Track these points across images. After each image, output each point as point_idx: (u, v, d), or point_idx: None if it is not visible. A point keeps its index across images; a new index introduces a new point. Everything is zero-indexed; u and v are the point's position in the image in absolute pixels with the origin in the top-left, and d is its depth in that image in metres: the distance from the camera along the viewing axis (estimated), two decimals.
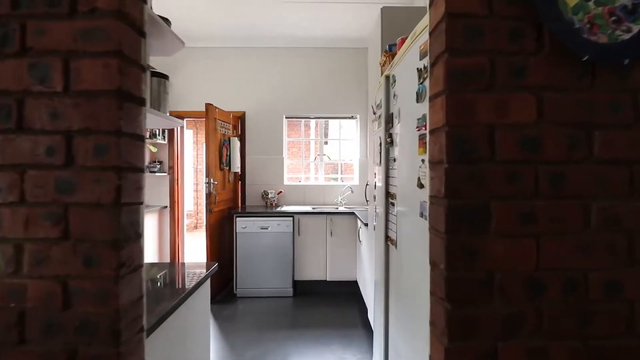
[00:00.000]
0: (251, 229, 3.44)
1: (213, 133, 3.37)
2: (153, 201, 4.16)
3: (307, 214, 3.51)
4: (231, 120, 3.83)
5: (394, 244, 1.53)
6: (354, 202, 4.09)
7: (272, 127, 4.15)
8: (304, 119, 4.25)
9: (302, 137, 4.32)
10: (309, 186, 4.16)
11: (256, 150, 4.15)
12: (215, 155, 3.44)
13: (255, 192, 4.13)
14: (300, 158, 6.91)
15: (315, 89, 4.15)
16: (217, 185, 3.48)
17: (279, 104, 4.14)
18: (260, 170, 4.14)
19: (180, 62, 4.14)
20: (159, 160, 4.14)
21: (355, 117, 4.22)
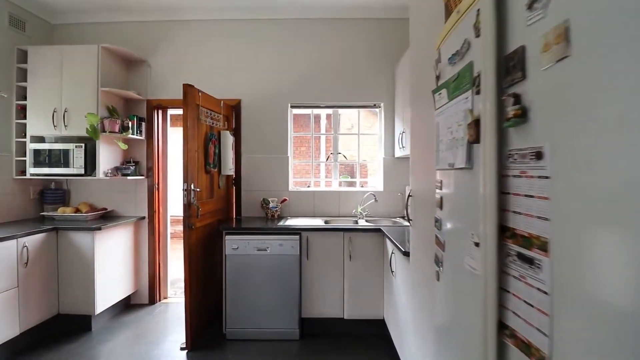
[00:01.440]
0: (245, 249, 2.61)
1: (194, 124, 2.55)
2: (127, 211, 3.37)
3: (318, 230, 2.66)
4: (222, 110, 3.01)
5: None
6: (378, 214, 3.22)
7: (274, 119, 3.32)
8: (314, 108, 3.40)
9: (311, 132, 3.47)
10: (321, 193, 3.31)
11: (254, 147, 3.32)
12: (198, 153, 2.62)
13: (252, 200, 3.30)
14: (309, 157, 6.07)
15: (328, 70, 3.30)
16: (201, 192, 2.66)
17: (283, 89, 3.30)
18: (259, 173, 3.31)
19: (162, 40, 3.35)
20: (134, 160, 3.35)
21: (378, 106, 3.35)
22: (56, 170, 2.98)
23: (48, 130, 2.98)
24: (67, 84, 2.97)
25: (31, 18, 3.16)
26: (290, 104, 3.33)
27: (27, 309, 2.50)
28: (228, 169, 3.04)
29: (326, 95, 3.30)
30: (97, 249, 2.77)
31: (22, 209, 3.11)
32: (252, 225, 2.77)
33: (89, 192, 3.37)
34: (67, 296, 2.78)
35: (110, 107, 3.04)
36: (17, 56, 3.00)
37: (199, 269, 2.62)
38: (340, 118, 3.52)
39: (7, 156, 2.98)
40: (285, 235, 2.62)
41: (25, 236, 2.49)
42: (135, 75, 3.37)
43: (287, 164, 3.31)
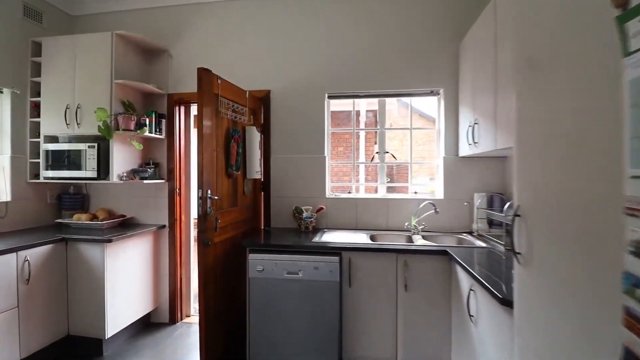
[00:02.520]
0: (272, 272, 2.10)
1: (212, 118, 2.09)
2: (147, 218, 3.02)
3: (364, 250, 2.08)
4: (247, 102, 2.54)
5: None
6: (438, 227, 2.56)
7: (308, 112, 2.79)
8: (355, 98, 2.83)
9: (352, 126, 2.89)
10: (364, 201, 2.72)
11: (286, 146, 2.82)
12: (217, 153, 2.16)
13: (283, 208, 2.79)
14: (347, 158, 5.49)
15: (373, 52, 2.71)
16: (221, 200, 2.20)
17: (319, 77, 2.77)
18: (291, 176, 2.81)
19: (183, 26, 2.97)
20: (154, 162, 3.00)
21: (436, 93, 2.70)
22: (68, 173, 2.68)
23: (61, 129, 2.70)
24: (80, 77, 2.67)
25: (48, 8, 2.92)
26: (328, 94, 2.79)
27: (29, 331, 2.18)
28: (254, 172, 2.56)
29: (370, 82, 2.71)
30: (108, 264, 2.41)
31: (38, 215, 2.86)
32: (282, 241, 2.25)
33: (109, 197, 3.07)
34: (77, 316, 2.45)
35: (125, 102, 2.70)
36: (31, 49, 2.76)
37: (217, 294, 2.15)
38: (385, 107, 2.90)
39: (22, 158, 2.74)
40: (322, 255, 2.07)
41: (27, 249, 2.18)
42: (155, 66, 3.02)
43: (324, 166, 2.77)
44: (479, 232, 2.41)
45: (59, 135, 2.78)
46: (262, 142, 2.77)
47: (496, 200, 2.41)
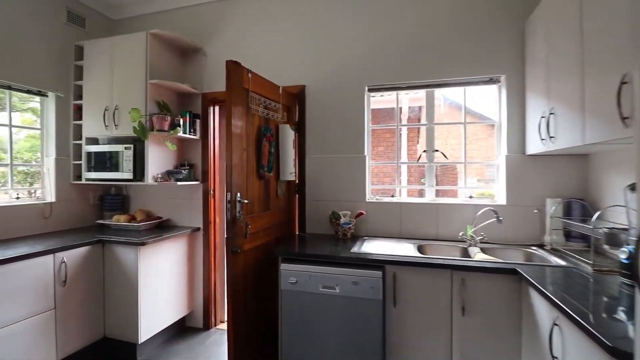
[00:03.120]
0: (306, 285, 1.88)
1: (242, 115, 1.92)
2: (182, 220, 2.97)
3: (411, 264, 1.78)
4: (281, 99, 2.35)
5: None
6: (500, 238, 2.18)
7: (346, 107, 2.54)
8: (400, 90, 2.52)
9: (396, 121, 2.59)
10: (410, 205, 2.41)
11: (322, 145, 2.59)
12: (247, 152, 1.99)
13: (319, 212, 2.57)
14: (389, 159, 5.13)
15: (418, 38, 2.39)
16: (252, 204, 2.03)
17: (359, 69, 2.51)
18: (327, 178, 2.58)
19: (217, 23, 2.87)
20: (189, 163, 2.93)
21: (496, 81, 2.31)
22: (107, 174, 2.69)
23: (100, 130, 2.72)
24: (118, 79, 2.67)
25: (91, 13, 2.98)
26: (368, 86, 2.52)
27: (65, 333, 2.18)
28: (288, 173, 2.37)
29: (417, 72, 2.40)
30: (141, 267, 2.36)
31: (81, 216, 2.92)
32: (318, 249, 2.03)
33: (147, 198, 3.07)
34: (112, 319, 2.43)
35: (160, 102, 2.65)
36: (74, 53, 2.82)
37: (247, 306, 1.98)
38: (433, 103, 2.56)
39: (66, 160, 2.81)
40: (362, 268, 1.81)
41: (63, 250, 2.17)
42: (190, 66, 2.96)
43: (364, 167, 2.50)
44: (553, 246, 1.99)
45: (99, 137, 2.81)
46: (297, 141, 2.58)
47: (575, 207, 1.98)
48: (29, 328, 1.97)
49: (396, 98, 2.57)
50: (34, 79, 2.56)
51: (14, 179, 2.58)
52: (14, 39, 2.43)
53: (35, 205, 2.58)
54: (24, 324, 1.95)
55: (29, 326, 1.97)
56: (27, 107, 2.72)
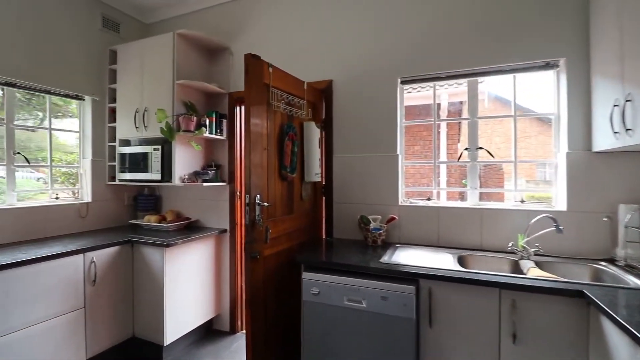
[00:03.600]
0: (329, 297, 1.71)
1: (263, 112, 1.80)
2: (210, 222, 2.94)
3: (451, 280, 1.54)
4: (305, 94, 2.21)
5: None
6: (559, 251, 1.85)
7: (377, 102, 2.34)
8: (437, 81, 2.26)
9: (434, 116, 2.33)
10: (449, 210, 2.14)
11: (350, 143, 2.41)
12: (268, 152, 1.87)
13: (348, 216, 2.39)
14: (427, 158, 4.79)
15: (461, 19, 2.12)
16: (273, 206, 1.90)
17: (390, 59, 2.29)
18: (356, 179, 2.39)
19: (243, 20, 2.81)
20: (216, 164, 2.89)
21: (554, 65, 1.98)
22: (137, 175, 2.73)
23: (132, 132, 2.76)
24: (147, 81, 2.69)
25: (125, 19, 3.06)
26: (401, 78, 2.29)
27: (94, 332, 2.21)
28: (313, 174, 2.22)
29: (456, 60, 2.13)
30: (167, 268, 2.34)
31: (116, 216, 3.00)
32: (344, 257, 1.85)
33: (177, 199, 3.09)
34: (141, 319, 2.45)
35: (188, 102, 2.63)
36: (109, 57, 2.90)
37: (267, 317, 1.86)
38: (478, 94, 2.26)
39: (101, 161, 2.90)
40: (393, 281, 1.60)
41: (93, 250, 2.20)
42: (217, 65, 2.93)
43: (396, 167, 2.28)
44: (628, 262, 1.64)
45: (131, 139, 2.86)
46: (324, 139, 2.42)
47: None
48: (59, 326, 2.01)
49: (433, 91, 2.32)
50: (71, 84, 2.66)
51: (58, 180, 2.72)
52: (53, 46, 2.53)
53: (72, 205, 2.67)
54: (55, 322, 1.99)
55: (60, 324, 2.01)
56: (72, 112, 2.84)
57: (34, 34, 2.42)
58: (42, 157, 2.62)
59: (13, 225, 2.30)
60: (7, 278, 1.78)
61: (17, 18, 2.33)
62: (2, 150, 2.33)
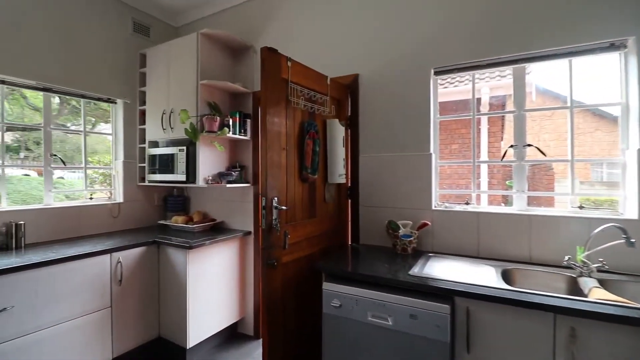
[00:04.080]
0: (352, 311, 1.55)
1: (281, 108, 1.69)
2: (235, 223, 2.90)
3: (493, 300, 1.32)
4: (328, 90, 2.07)
5: None
6: (631, 267, 1.55)
7: (407, 96, 2.14)
8: (476, 70, 2.02)
9: (472, 110, 2.08)
10: (492, 216, 1.89)
11: (378, 142, 2.23)
12: (287, 151, 1.75)
13: (375, 221, 2.21)
14: (469, 157, 4.44)
15: None
16: (292, 209, 1.78)
17: (422, 48, 2.08)
18: (384, 181, 2.20)
19: (266, 17, 2.73)
20: (240, 165, 2.85)
21: (621, 46, 1.66)
22: (165, 176, 2.75)
23: (159, 134, 2.79)
24: (173, 82, 2.70)
25: (155, 23, 3.11)
26: (434, 69, 2.07)
27: (121, 331, 2.23)
28: (337, 175, 2.07)
29: (498, 45, 1.87)
30: (190, 270, 2.32)
31: (146, 216, 3.06)
32: (369, 267, 1.68)
33: (204, 200, 3.09)
34: (166, 319, 2.45)
35: (211, 103, 2.60)
36: (139, 61, 2.96)
37: (286, 329, 1.74)
38: (526, 84, 1.98)
39: (132, 163, 2.96)
40: (424, 298, 1.41)
41: (120, 250, 2.23)
42: (241, 64, 2.88)
43: (429, 167, 2.06)
44: None
45: (159, 140, 2.90)
46: (349, 137, 2.26)
47: None
48: (86, 324, 2.04)
49: (472, 82, 2.07)
50: (104, 88, 2.74)
51: (97, 180, 2.84)
52: (87, 52, 2.62)
53: (105, 205, 2.75)
54: (82, 321, 2.02)
55: (87, 323, 2.05)
56: (105, 115, 2.94)
57: (69, 41, 2.51)
58: (91, 159, 2.78)
59: (50, 224, 2.40)
60: (37, 277, 1.82)
61: (54, 27, 2.42)
62: (63, 153, 2.44)
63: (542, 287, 1.55)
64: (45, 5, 2.38)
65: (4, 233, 2.11)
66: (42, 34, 2.36)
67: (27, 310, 1.77)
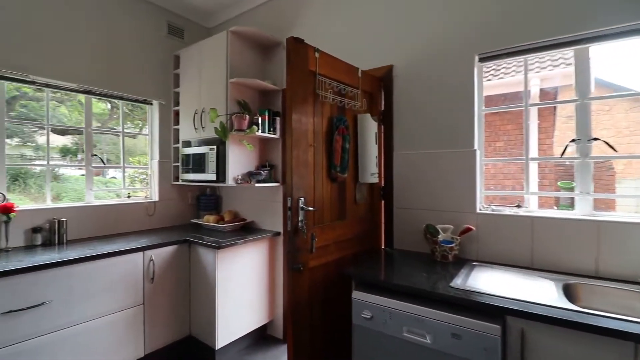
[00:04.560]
0: (385, 324, 1.40)
1: (305, 101, 1.58)
2: (265, 223, 2.85)
3: (555, 322, 1.10)
4: (359, 82, 1.93)
5: None
6: None
7: (448, 88, 1.93)
8: (529, 54, 1.76)
9: (524, 99, 1.83)
10: (549, 222, 1.64)
11: (414, 138, 2.05)
12: (314, 148, 1.64)
13: (411, 224, 2.03)
14: (512, 154, 4.05)
15: None
16: (319, 211, 1.67)
17: (465, 32, 1.87)
18: (421, 180, 2.02)
19: (296, 12, 2.65)
20: (270, 164, 2.79)
21: None
22: (197, 176, 2.76)
23: (192, 133, 2.81)
24: (204, 82, 2.71)
25: (188, 25, 3.16)
26: (479, 55, 1.85)
27: (153, 328, 2.26)
28: (369, 174, 1.93)
29: (554, 24, 1.61)
30: (219, 270, 2.29)
31: (180, 215, 3.11)
32: (403, 276, 1.52)
33: (235, 199, 3.08)
34: (196, 319, 2.45)
35: (241, 101, 2.56)
36: (173, 62, 3.02)
37: (313, 339, 1.63)
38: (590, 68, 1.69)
39: (167, 162, 3.03)
40: (469, 315, 1.23)
41: (152, 249, 2.25)
42: (271, 62, 2.82)
43: (473, 164, 1.85)
44: None
45: (191, 140, 2.93)
46: (382, 133, 2.10)
47: None
48: (119, 321, 2.08)
49: (524, 67, 1.82)
50: (141, 89, 2.81)
51: (136, 179, 2.95)
52: (124, 55, 2.70)
53: (141, 204, 2.83)
54: (115, 317, 2.06)
55: (120, 319, 2.08)
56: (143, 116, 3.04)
57: (107, 45, 2.60)
58: (132, 159, 2.91)
59: (90, 222, 2.49)
60: (72, 273, 1.87)
61: (93, 32, 2.52)
62: (116, 154, 2.55)
63: (614, 308, 1.30)
64: (85, 10, 2.48)
65: (48, 229, 2.22)
66: (82, 38, 2.46)
67: (63, 305, 1.83)
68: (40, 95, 2.38)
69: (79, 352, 1.89)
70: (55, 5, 2.32)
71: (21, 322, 1.68)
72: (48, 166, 2.38)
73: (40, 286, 1.75)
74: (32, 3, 2.23)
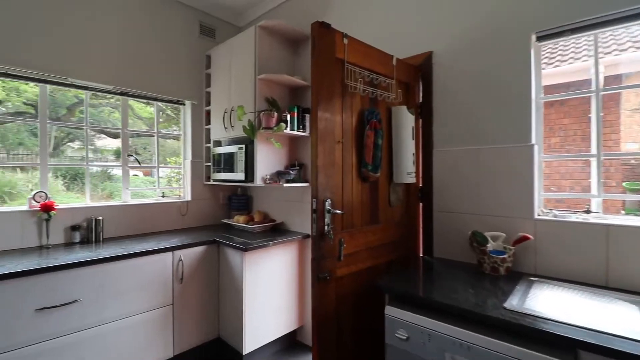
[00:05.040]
0: (422, 346, 1.21)
1: (332, 93, 1.43)
2: (293, 225, 2.75)
3: None
4: (394, 72, 1.74)
5: None
6: None
7: (498, 73, 1.68)
8: (597, 29, 1.46)
9: (595, 82, 1.53)
10: (628, 230, 1.34)
11: (458, 133, 1.81)
12: (343, 144, 1.49)
13: (453, 229, 1.80)
14: (571, 151, 3.57)
15: None
16: (349, 214, 1.51)
17: (518, 8, 1.61)
18: (466, 180, 1.78)
19: (329, 3, 2.51)
20: (299, 163, 2.68)
21: None
22: (227, 175, 2.73)
23: (222, 133, 2.78)
24: (234, 80, 2.66)
25: (220, 24, 3.15)
26: (537, 33, 1.58)
27: (182, 329, 2.24)
28: (405, 174, 1.73)
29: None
30: (247, 272, 2.22)
31: (212, 214, 3.11)
32: (446, 294, 1.31)
33: (266, 199, 3.02)
34: (225, 321, 2.40)
35: (269, 98, 2.48)
36: (205, 62, 3.02)
37: (340, 352, 1.47)
38: None
39: (199, 162, 3.04)
40: (530, 347, 1.00)
41: (181, 249, 2.24)
42: (301, 57, 2.71)
43: (530, 162, 1.58)
44: None
45: (222, 139, 2.90)
46: (420, 128, 1.89)
47: None
48: (149, 320, 2.08)
49: (594, 44, 1.51)
50: (173, 90, 2.84)
51: (172, 178, 3.01)
52: (158, 57, 2.74)
53: (174, 203, 2.86)
54: (145, 316, 2.06)
55: (150, 319, 2.08)
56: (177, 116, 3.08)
57: (141, 47, 2.65)
58: (169, 159, 3.02)
59: (126, 220, 2.55)
60: (103, 271, 1.89)
61: (128, 34, 2.58)
62: (163, 156, 2.61)
63: None
64: (119, 13, 2.54)
65: (86, 227, 2.29)
66: (116, 41, 2.52)
67: (93, 304, 1.85)
68: (95, 102, 2.52)
69: (109, 350, 1.91)
70: (91, 10, 2.40)
71: (53, 320, 1.71)
72: (87, 166, 2.47)
73: (72, 284, 1.78)
74: (68, 8, 2.31)
